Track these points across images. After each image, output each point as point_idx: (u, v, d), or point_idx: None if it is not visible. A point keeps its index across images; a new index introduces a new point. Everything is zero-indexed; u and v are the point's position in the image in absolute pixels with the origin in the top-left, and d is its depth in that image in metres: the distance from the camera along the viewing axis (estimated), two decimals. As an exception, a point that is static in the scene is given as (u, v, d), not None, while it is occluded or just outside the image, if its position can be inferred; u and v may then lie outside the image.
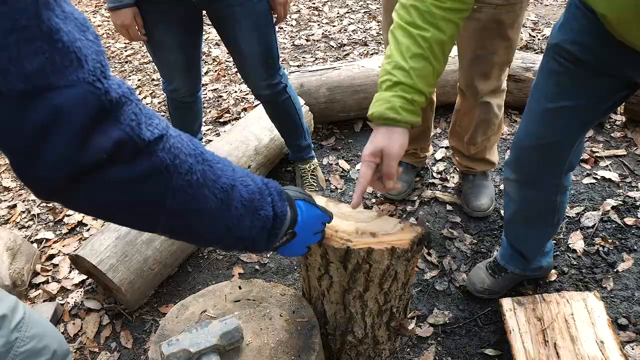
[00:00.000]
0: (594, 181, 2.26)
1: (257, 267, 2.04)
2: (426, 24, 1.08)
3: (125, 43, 4.27)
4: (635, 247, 1.92)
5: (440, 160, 2.51)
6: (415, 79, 1.08)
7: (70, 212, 2.44)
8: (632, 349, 1.58)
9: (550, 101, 1.28)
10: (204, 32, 2.41)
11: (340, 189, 2.41)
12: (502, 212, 2.14)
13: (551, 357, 1.47)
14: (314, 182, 2.32)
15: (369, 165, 1.12)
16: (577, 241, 1.97)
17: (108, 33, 4.49)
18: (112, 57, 4.11)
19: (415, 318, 1.76)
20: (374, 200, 2.29)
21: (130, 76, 3.77)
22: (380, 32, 3.97)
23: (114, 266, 1.80)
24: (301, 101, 2.52)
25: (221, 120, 3.09)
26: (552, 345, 1.50)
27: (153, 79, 3.68)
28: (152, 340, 1.29)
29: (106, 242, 1.84)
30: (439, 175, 2.41)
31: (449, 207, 2.21)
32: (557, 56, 1.22)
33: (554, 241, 1.94)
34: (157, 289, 1.98)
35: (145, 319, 1.88)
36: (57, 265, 2.14)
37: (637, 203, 2.10)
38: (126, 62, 4.01)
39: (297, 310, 1.35)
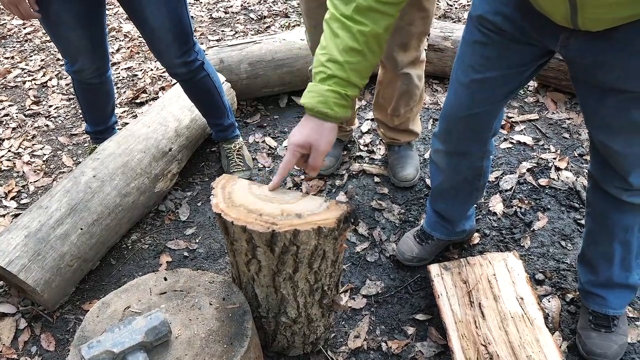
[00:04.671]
0: (510, 145, 2.37)
1: (185, 253, 1.97)
2: (365, 19, 1.07)
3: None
4: (549, 206, 2.05)
5: (366, 132, 2.52)
6: (349, 72, 1.09)
7: (-29, 210, 2.22)
8: (549, 301, 1.69)
9: (476, 72, 1.29)
10: (112, 5, 2.22)
11: (269, 167, 2.36)
12: (427, 180, 2.20)
13: (477, 316, 1.54)
14: (240, 161, 2.25)
15: (294, 155, 1.16)
16: (496, 204, 2.07)
17: (1, 9, 4.06)
18: (9, 35, 3.73)
19: (349, 291, 1.79)
20: (302, 177, 2.27)
21: (31, 56, 3.45)
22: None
23: (26, 266, 1.65)
24: (222, 78, 2.42)
25: (137, 100, 2.91)
26: (477, 306, 1.57)
27: (58, 59, 3.39)
28: (72, 344, 1.21)
29: (14, 240, 1.69)
30: (366, 148, 2.42)
31: (376, 179, 2.24)
32: (480, 27, 1.23)
33: (475, 205, 2.02)
34: (78, 285, 1.86)
35: (67, 319, 1.76)
36: (-39, 269, 1.94)
37: (550, 164, 2.24)
38: (26, 41, 3.65)
39: (228, 297, 1.31)
